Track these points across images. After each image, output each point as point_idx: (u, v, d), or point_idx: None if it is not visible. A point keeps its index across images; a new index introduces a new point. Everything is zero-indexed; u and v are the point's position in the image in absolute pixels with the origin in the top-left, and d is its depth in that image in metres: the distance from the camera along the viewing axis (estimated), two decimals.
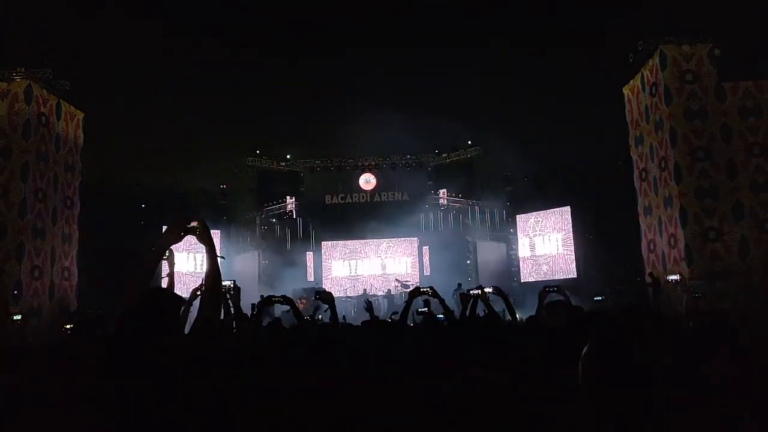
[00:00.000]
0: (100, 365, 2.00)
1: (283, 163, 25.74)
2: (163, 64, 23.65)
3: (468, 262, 20.88)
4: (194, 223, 2.46)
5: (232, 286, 4.09)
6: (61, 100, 15.74)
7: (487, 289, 4.80)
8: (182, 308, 2.28)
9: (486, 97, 25.66)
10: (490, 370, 1.11)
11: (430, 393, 1.08)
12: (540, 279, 19.87)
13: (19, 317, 9.61)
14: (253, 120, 26.83)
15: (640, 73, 15.86)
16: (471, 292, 4.94)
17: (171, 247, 2.87)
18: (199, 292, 3.99)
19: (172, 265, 3.64)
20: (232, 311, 3.87)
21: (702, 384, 1.38)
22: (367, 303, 6.11)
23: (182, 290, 4.98)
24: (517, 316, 5.50)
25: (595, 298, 12.78)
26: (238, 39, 25.37)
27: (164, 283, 3.57)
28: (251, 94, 26.84)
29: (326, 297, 4.48)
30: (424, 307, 5.85)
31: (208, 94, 25.03)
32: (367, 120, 21.93)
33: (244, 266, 21.05)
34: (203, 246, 2.45)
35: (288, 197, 24.53)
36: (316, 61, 27.26)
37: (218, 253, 2.46)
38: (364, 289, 20.09)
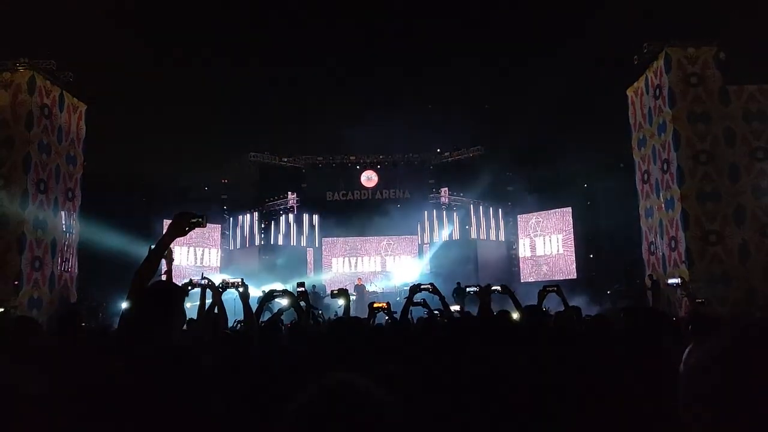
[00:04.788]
0: (80, 360, 1.99)
1: (285, 159, 25.72)
2: (168, 58, 23.63)
3: (468, 261, 20.88)
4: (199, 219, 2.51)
5: (240, 282, 4.12)
6: (64, 92, 15.71)
7: (495, 287, 4.85)
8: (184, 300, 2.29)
9: (489, 97, 25.64)
10: (362, 373, 1.03)
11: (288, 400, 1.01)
12: (540, 279, 19.90)
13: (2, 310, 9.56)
14: (256, 115, 26.81)
15: (644, 75, 15.83)
16: (468, 289, 4.99)
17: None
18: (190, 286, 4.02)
19: (170, 261, 3.66)
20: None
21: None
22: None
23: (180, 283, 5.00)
24: None
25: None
26: (243, 34, 25.36)
27: (163, 279, 3.59)
28: (254, 89, 26.80)
29: (341, 293, 4.61)
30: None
31: (211, 88, 25.01)
32: (369, 117, 21.93)
33: (244, 261, 21.07)
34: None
35: (289, 193, 24.53)
36: (320, 59, 27.25)
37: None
38: (363, 286, 20.08)
